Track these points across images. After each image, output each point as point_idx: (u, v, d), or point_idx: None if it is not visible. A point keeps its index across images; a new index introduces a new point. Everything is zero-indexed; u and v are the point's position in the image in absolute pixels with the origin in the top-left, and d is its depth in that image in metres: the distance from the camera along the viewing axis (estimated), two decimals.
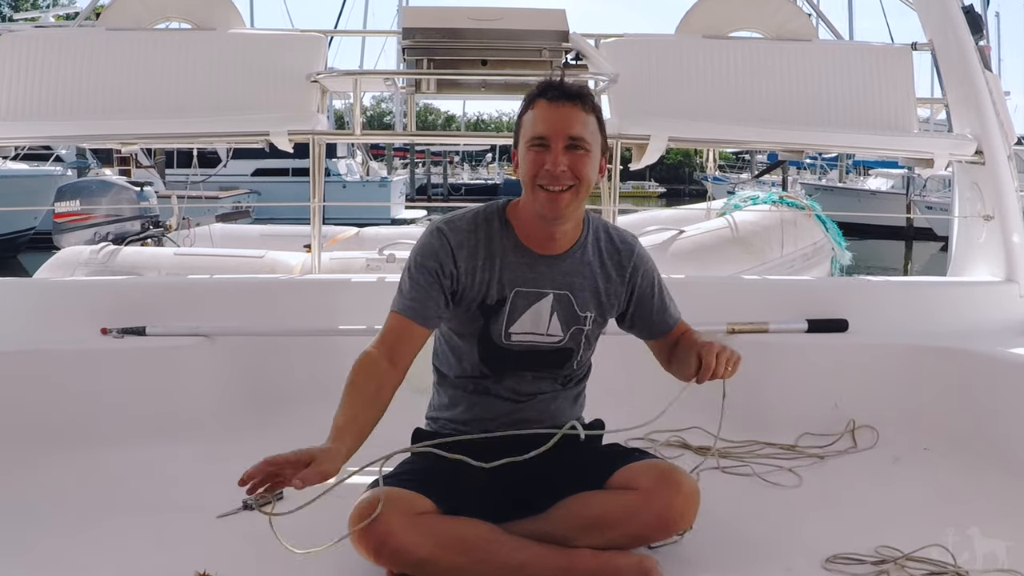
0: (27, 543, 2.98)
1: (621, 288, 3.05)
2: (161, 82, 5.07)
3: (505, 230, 2.94)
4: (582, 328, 3.01)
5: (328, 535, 2.70)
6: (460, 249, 2.89)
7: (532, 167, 2.80)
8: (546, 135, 2.78)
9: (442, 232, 2.92)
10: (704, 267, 8.02)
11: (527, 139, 2.82)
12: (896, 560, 2.84)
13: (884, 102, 5.26)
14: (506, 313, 2.93)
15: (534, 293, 2.93)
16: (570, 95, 2.81)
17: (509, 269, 2.92)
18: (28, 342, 4.20)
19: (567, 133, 2.78)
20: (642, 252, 3.11)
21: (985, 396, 4.07)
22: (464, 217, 2.96)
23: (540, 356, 2.99)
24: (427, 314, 2.90)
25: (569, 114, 2.80)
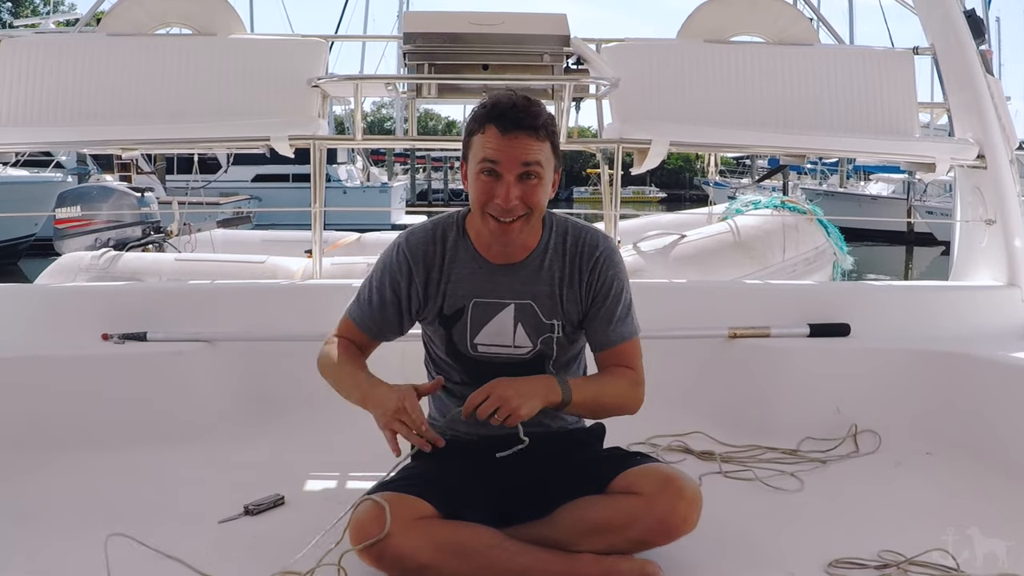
0: (28, 548, 2.98)
1: (582, 290, 2.96)
2: (162, 87, 5.08)
3: (462, 240, 2.95)
4: (552, 335, 2.96)
5: (329, 538, 2.69)
6: (417, 264, 2.94)
7: (482, 195, 2.77)
8: (497, 162, 2.72)
9: (401, 249, 2.98)
10: (706, 272, 8.01)
11: (477, 160, 2.76)
12: (898, 564, 2.84)
13: (886, 106, 5.26)
14: (467, 324, 2.93)
15: (493, 304, 2.92)
16: (523, 126, 2.72)
17: (466, 280, 2.92)
18: (29, 348, 4.21)
19: (520, 161, 2.72)
20: (608, 254, 2.98)
21: (987, 401, 4.07)
22: (424, 229, 3.00)
23: (514, 367, 2.94)
24: (380, 331, 3.09)
25: (522, 144, 2.72)
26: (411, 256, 2.94)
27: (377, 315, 3.02)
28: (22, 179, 20.23)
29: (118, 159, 24.76)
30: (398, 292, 2.97)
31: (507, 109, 2.73)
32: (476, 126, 2.77)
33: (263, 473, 3.66)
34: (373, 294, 3.01)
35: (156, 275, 8.05)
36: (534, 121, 2.73)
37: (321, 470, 3.78)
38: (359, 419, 4.24)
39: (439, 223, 2.99)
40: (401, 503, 2.67)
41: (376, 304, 3.01)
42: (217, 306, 4.62)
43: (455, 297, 2.92)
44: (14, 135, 5.18)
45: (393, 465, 2.82)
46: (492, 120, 2.73)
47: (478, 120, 2.77)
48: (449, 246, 2.94)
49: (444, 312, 2.94)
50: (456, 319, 2.93)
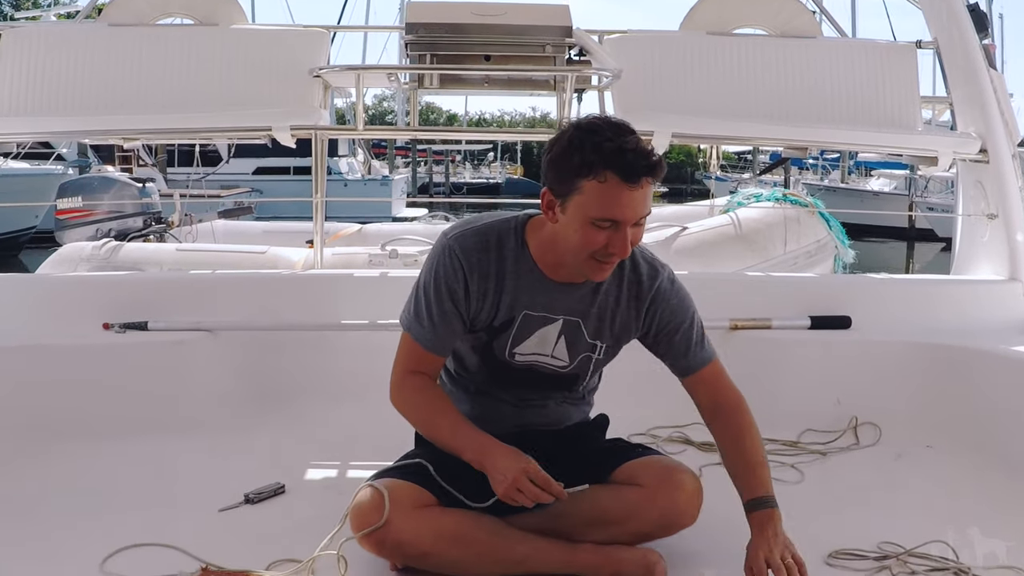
0: (29, 536, 2.98)
1: (637, 322, 2.89)
2: (163, 78, 5.06)
3: (521, 251, 2.78)
4: (591, 356, 2.92)
5: (330, 527, 2.69)
6: (472, 272, 2.74)
7: (591, 244, 2.57)
8: (619, 220, 2.53)
9: (455, 254, 2.75)
10: (707, 264, 8.01)
11: (591, 217, 2.53)
12: (898, 556, 2.84)
13: (888, 99, 5.25)
14: (512, 334, 2.84)
15: (543, 318, 2.83)
16: (648, 171, 2.50)
17: (520, 291, 2.79)
18: (30, 337, 4.20)
19: (641, 215, 2.57)
20: (664, 286, 2.87)
21: (988, 394, 4.07)
22: (476, 233, 2.79)
23: (544, 377, 2.92)
24: (446, 345, 2.85)
25: (644, 195, 2.54)
26: (465, 263, 2.74)
27: (443, 331, 2.79)
28: (23, 171, 20.22)
29: (119, 151, 24.74)
30: (457, 301, 2.76)
31: (631, 155, 2.48)
32: (587, 171, 2.50)
33: (263, 462, 3.67)
34: (432, 309, 2.77)
35: (157, 265, 8.06)
36: (655, 166, 2.52)
37: (321, 459, 3.78)
38: (359, 408, 4.28)
39: (492, 229, 2.80)
40: (402, 491, 2.66)
41: (438, 320, 2.78)
42: (218, 296, 4.62)
43: (508, 308, 2.80)
44: (16, 125, 5.17)
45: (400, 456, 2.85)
46: (613, 167, 2.48)
47: (591, 165, 2.49)
48: (507, 255, 2.77)
49: (493, 324, 2.82)
50: (504, 329, 2.83)
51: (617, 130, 2.52)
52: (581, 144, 2.52)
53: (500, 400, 2.96)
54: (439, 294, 2.76)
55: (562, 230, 2.62)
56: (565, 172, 2.55)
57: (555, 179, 2.59)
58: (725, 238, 8.93)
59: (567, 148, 2.55)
